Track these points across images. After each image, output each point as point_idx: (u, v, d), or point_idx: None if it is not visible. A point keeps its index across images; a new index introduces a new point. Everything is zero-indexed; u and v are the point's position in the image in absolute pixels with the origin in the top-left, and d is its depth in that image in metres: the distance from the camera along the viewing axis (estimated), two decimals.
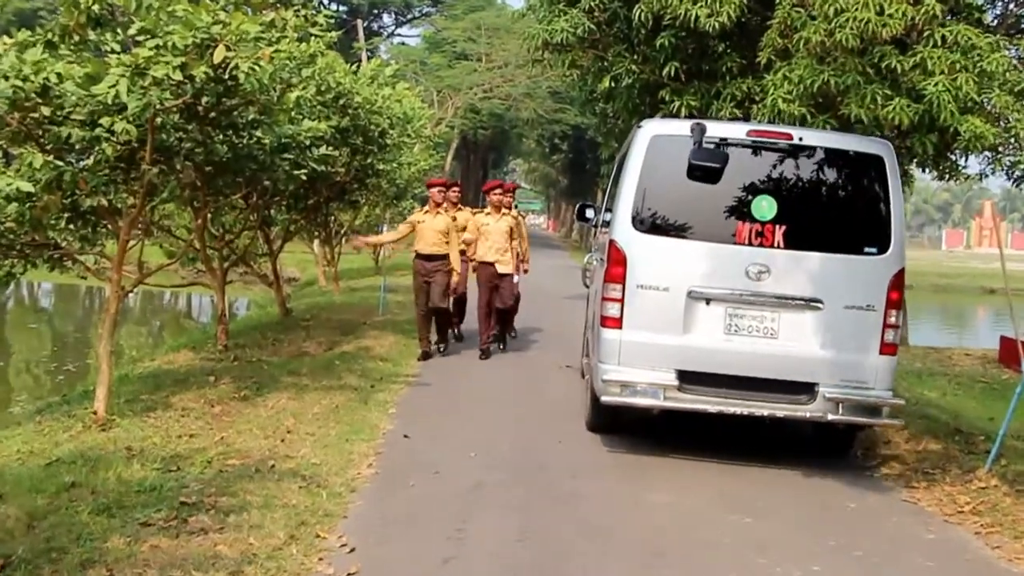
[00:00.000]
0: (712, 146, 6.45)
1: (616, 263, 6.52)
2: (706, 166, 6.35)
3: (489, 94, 40.52)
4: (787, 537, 5.32)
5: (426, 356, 10.40)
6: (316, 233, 18.95)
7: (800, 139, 6.60)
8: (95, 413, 7.07)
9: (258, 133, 7.87)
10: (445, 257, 10.15)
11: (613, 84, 10.20)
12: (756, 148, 6.61)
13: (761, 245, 6.42)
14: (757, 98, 8.64)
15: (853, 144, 6.69)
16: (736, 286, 6.41)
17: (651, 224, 6.53)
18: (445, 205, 10.41)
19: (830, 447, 7.30)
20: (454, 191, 10.90)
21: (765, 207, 6.48)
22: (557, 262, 30.92)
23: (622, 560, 4.78)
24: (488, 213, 10.83)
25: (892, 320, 6.44)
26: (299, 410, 7.70)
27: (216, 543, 4.63)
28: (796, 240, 6.45)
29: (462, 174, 54.12)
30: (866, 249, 6.49)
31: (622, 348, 6.48)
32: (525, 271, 11.46)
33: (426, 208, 10.28)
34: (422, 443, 6.87)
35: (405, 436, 7.02)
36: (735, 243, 6.43)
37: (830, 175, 6.62)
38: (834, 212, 6.60)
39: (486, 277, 10.69)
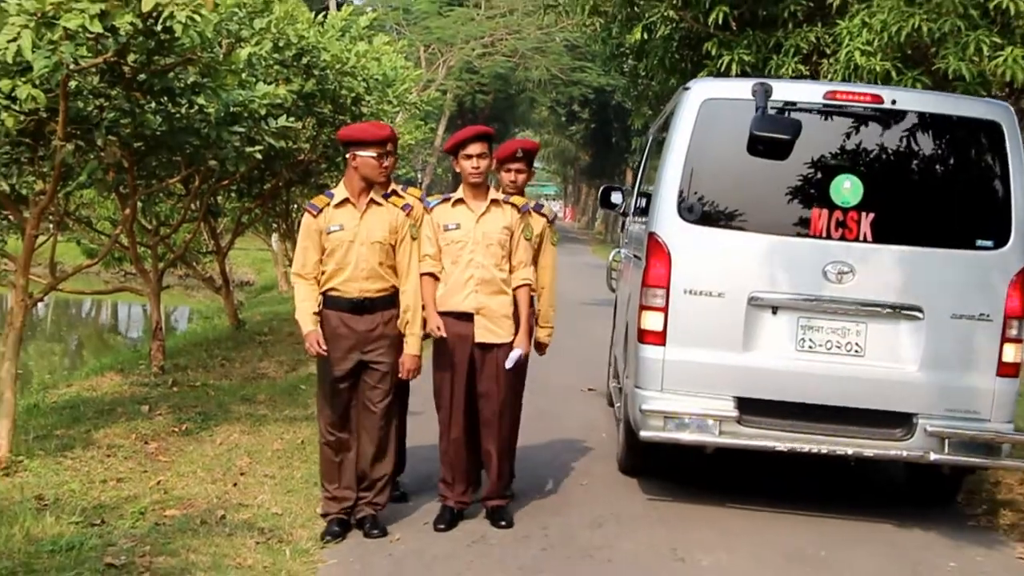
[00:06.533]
0: (779, 112, 6.15)
1: (658, 262, 6.23)
2: (772, 138, 6.01)
3: (490, 49, 37.47)
4: None
5: (337, 529, 5.55)
6: (275, 225, 17.73)
7: (893, 102, 6.27)
8: None
9: (200, 100, 7.31)
10: (392, 302, 5.55)
11: (646, 35, 9.62)
12: (836, 114, 6.28)
13: (843, 238, 6.14)
14: (828, 51, 8.28)
15: (961, 108, 6.37)
16: (811, 290, 6.13)
17: (702, 213, 6.23)
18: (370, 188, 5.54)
19: (929, 495, 6.89)
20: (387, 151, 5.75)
21: (848, 189, 6.15)
22: (576, 259, 27.10)
23: None
24: (458, 201, 5.78)
25: (1013, 333, 6.08)
26: (255, 447, 7.28)
27: None
28: (887, 231, 6.15)
29: None
30: (978, 242, 6.16)
31: (666, 369, 6.20)
32: (540, 345, 6.29)
33: (335, 197, 5.52)
34: (409, 486, 6.45)
35: None
36: (809, 235, 6.16)
37: (931, 148, 6.31)
38: (936, 195, 6.30)
39: (455, 349, 5.75)
